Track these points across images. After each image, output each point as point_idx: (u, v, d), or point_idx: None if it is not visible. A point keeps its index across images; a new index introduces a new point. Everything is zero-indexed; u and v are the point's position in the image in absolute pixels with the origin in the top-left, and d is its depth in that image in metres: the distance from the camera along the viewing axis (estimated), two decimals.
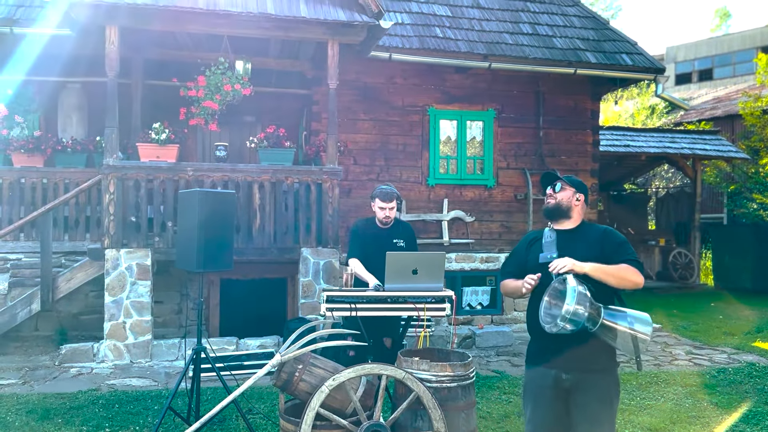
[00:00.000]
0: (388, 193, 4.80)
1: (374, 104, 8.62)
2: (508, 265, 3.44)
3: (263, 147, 7.04)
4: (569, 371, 3.14)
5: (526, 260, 3.31)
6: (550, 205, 3.28)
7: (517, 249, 3.46)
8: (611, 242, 3.21)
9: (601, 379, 3.16)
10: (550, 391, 3.19)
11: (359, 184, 8.52)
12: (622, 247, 3.19)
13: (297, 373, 3.79)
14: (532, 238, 3.40)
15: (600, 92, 9.52)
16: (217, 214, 4.57)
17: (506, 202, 8.97)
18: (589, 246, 3.18)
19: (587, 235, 3.25)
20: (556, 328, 2.95)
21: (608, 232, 3.28)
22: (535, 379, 3.26)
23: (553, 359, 3.16)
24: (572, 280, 2.95)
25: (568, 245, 3.20)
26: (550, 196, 3.29)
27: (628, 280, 3.08)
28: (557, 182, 3.29)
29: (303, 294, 7.16)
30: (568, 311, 2.88)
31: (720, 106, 21.01)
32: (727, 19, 41.73)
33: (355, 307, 4.15)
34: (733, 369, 6.84)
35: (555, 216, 3.28)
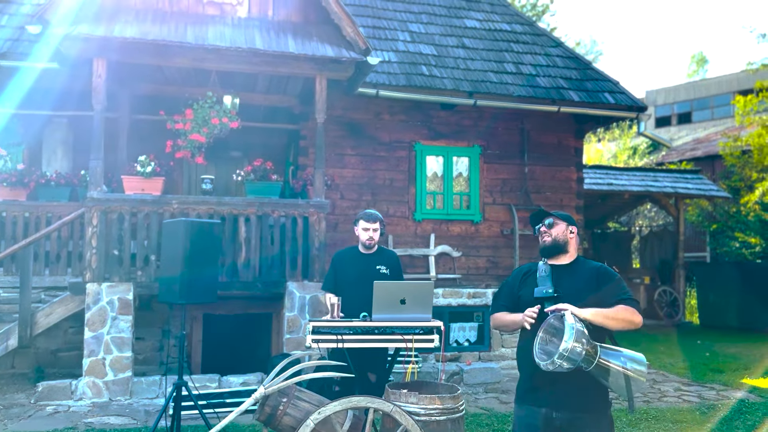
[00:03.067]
0: (371, 214, 4.78)
1: (361, 140, 8.67)
2: (500, 298, 3.39)
3: (250, 180, 7.02)
4: (560, 410, 3.07)
5: (520, 294, 3.27)
6: (548, 243, 3.27)
7: (509, 282, 3.42)
8: (607, 280, 3.18)
9: (594, 419, 3.10)
10: (540, 430, 3.10)
11: (346, 219, 8.49)
12: (618, 286, 3.18)
13: (281, 406, 3.69)
14: (526, 271, 3.37)
15: (583, 130, 9.66)
16: (202, 244, 4.52)
17: (493, 237, 8.98)
18: (585, 282, 3.16)
19: (582, 270, 3.23)
20: (552, 366, 2.89)
21: (603, 270, 3.26)
22: (525, 418, 3.18)
23: (544, 397, 3.10)
24: (570, 317, 2.91)
25: (563, 280, 3.18)
26: (545, 233, 3.27)
27: (628, 321, 3.06)
28: (548, 218, 3.28)
29: (288, 329, 7.05)
30: (566, 348, 2.83)
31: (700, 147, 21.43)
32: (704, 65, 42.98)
33: (341, 339, 4.07)
34: (722, 405, 6.78)
35: (553, 253, 3.26)
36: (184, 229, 4.41)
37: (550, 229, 3.26)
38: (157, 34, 6.48)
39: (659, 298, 14.02)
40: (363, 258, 4.86)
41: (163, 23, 6.69)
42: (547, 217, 3.28)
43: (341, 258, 4.97)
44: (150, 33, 6.49)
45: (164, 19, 6.74)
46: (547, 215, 3.29)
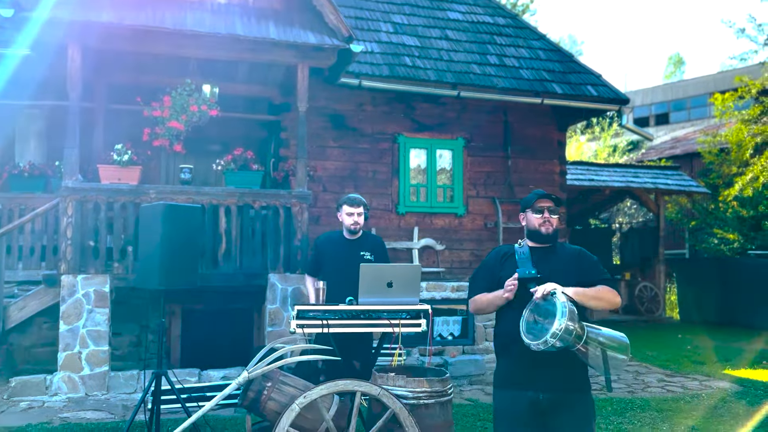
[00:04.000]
0: (354, 198, 4.69)
1: (344, 131, 8.56)
2: (479, 281, 3.29)
3: (230, 169, 6.88)
4: (546, 391, 3.01)
5: (501, 276, 3.18)
6: (551, 232, 3.20)
7: (487, 264, 3.34)
8: (587, 261, 3.19)
9: (580, 398, 3.07)
10: (525, 414, 3.04)
11: (329, 212, 8.36)
12: (598, 267, 3.20)
13: (265, 391, 3.58)
14: (504, 252, 3.30)
15: (566, 123, 9.65)
16: (181, 229, 4.37)
17: (476, 230, 8.92)
18: (566, 263, 3.13)
19: (562, 253, 3.21)
20: (544, 346, 2.82)
21: (583, 252, 3.27)
22: (508, 403, 3.10)
23: (530, 380, 3.03)
24: (562, 296, 2.87)
25: (543, 261, 3.13)
26: (548, 221, 3.19)
27: (608, 301, 3.06)
28: (553, 207, 3.19)
29: (270, 322, 6.91)
30: (560, 328, 2.78)
31: (679, 146, 21.67)
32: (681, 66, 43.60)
33: (327, 324, 3.97)
34: (706, 395, 6.79)
35: (551, 241, 3.21)
36: (162, 213, 4.27)
37: (553, 216, 3.19)
38: (134, 19, 6.31)
39: (640, 293, 14.09)
40: (347, 243, 4.76)
41: (140, 9, 6.52)
42: (551, 201, 3.19)
43: (324, 243, 4.87)
44: (127, 18, 6.32)
45: (142, 5, 6.58)
46: (550, 198, 3.20)
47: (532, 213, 3.21)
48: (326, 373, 4.45)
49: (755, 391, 6.91)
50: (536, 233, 3.19)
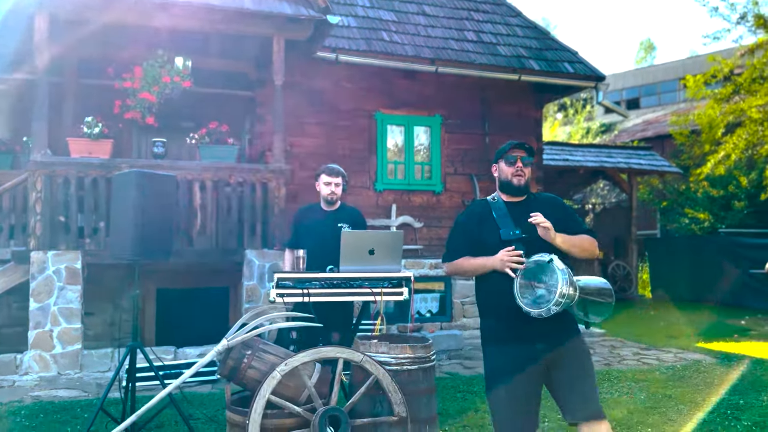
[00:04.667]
0: (333, 168, 4.62)
1: (321, 108, 8.44)
2: (458, 242, 3.20)
3: (205, 143, 6.73)
4: (542, 342, 2.97)
5: (481, 236, 3.11)
6: (522, 184, 3.11)
7: (464, 224, 3.23)
8: (566, 212, 3.15)
9: (575, 342, 3.04)
10: (524, 366, 2.98)
11: (305, 189, 8.23)
12: (576, 217, 3.18)
13: (245, 359, 3.50)
14: (479, 211, 3.20)
15: (543, 100, 9.66)
16: (155, 198, 4.25)
17: (454, 208, 8.89)
18: (545, 216, 2.98)
19: (537, 205, 3.09)
20: (546, 314, 2.80)
21: (558, 202, 3.22)
22: (504, 360, 3.01)
23: (523, 335, 2.98)
24: (559, 262, 2.83)
25: (523, 216, 3.02)
26: (520, 172, 3.11)
27: (589, 251, 3.06)
28: (527, 157, 3.12)
29: (247, 298, 6.81)
30: (563, 294, 2.76)
31: (650, 128, 21.95)
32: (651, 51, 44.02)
33: (307, 293, 3.89)
34: (681, 366, 6.89)
35: (523, 193, 3.14)
36: (136, 181, 4.14)
37: (526, 167, 3.13)
38: None
39: (613, 272, 14.27)
40: (325, 215, 4.68)
41: None
42: (525, 151, 3.15)
43: (302, 215, 4.80)
44: None
45: None
46: (525, 150, 3.15)
47: (505, 163, 3.13)
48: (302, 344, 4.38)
49: (728, 362, 7.04)
50: (508, 185, 3.11)
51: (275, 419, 3.33)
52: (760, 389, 5.68)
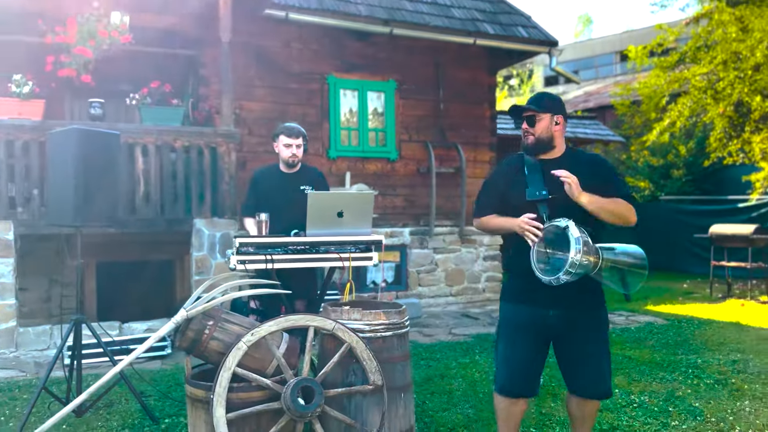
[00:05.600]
0: (293, 128, 4.29)
1: (270, 70, 8.03)
2: (487, 198, 3.09)
3: (146, 104, 6.27)
4: (556, 308, 2.88)
5: (509, 194, 2.98)
6: (530, 143, 2.95)
7: (494, 180, 3.14)
8: (602, 172, 2.95)
9: (591, 316, 2.94)
10: (532, 328, 2.94)
11: (255, 156, 7.88)
12: (616, 179, 2.97)
13: (207, 330, 3.22)
14: (514, 165, 3.04)
15: (496, 66, 9.54)
16: (98, 159, 3.87)
17: (409, 176, 8.71)
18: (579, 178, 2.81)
19: (575, 164, 2.92)
20: (556, 282, 2.69)
21: (599, 160, 3.05)
22: (517, 317, 2.99)
23: (539, 298, 2.89)
24: (575, 230, 2.67)
25: (554, 179, 2.84)
26: (526, 132, 2.95)
27: (622, 217, 2.86)
28: (530, 114, 2.93)
29: (197, 270, 6.46)
30: (573, 264, 2.62)
31: (591, 99, 22.32)
32: (589, 25, 44.83)
33: (271, 259, 3.64)
34: (635, 328, 7.01)
35: (538, 152, 2.96)
36: (76, 139, 3.75)
37: (533, 126, 2.93)
38: None
39: None
40: (285, 178, 4.39)
41: None
42: (527, 111, 2.95)
43: (261, 178, 4.48)
44: None
45: None
46: (526, 109, 2.95)
47: (516, 127, 3.00)
48: (263, 314, 4.14)
49: (678, 324, 7.20)
50: (522, 146, 2.99)
51: (242, 393, 3.08)
52: (713, 349, 5.80)
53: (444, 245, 8.81)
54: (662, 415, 3.89)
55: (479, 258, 9.00)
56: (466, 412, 4.08)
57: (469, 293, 8.92)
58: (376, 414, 3.24)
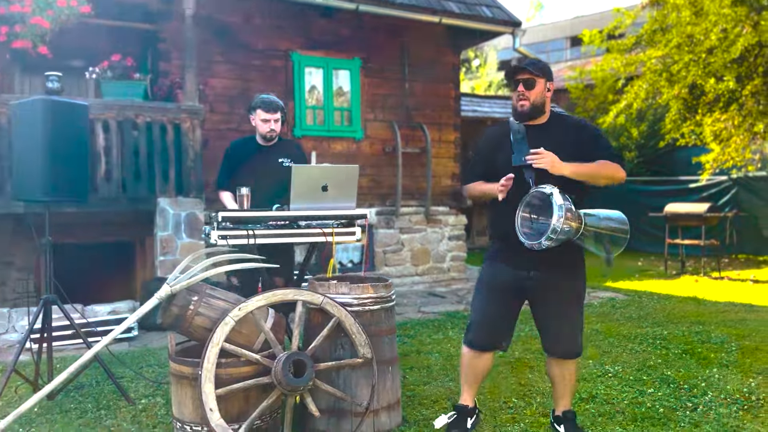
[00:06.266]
0: (271, 102, 4.14)
1: (231, 46, 7.82)
2: (475, 166, 3.14)
3: (107, 78, 6.02)
4: (537, 270, 2.96)
5: (495, 159, 3.01)
6: (525, 109, 2.94)
7: (481, 148, 3.17)
8: (588, 136, 2.99)
9: (569, 283, 3.03)
10: (510, 287, 3.03)
11: (218, 134, 7.68)
12: (600, 141, 3.00)
13: (192, 305, 3.14)
14: (500, 133, 3.07)
15: (460, 46, 9.55)
16: (66, 130, 3.69)
17: (375, 155, 8.66)
18: (564, 144, 2.90)
19: (561, 130, 2.98)
20: (538, 247, 2.77)
21: (583, 125, 3.08)
22: (495, 275, 3.08)
23: (521, 261, 2.97)
24: (558, 197, 2.72)
25: (540, 142, 2.89)
26: (522, 96, 2.93)
27: (609, 177, 2.90)
28: (528, 78, 2.92)
29: (162, 251, 6.28)
30: (555, 230, 2.69)
31: None
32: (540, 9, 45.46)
33: (253, 234, 3.55)
34: (597, 303, 7.19)
35: (532, 117, 2.97)
36: (43, 109, 3.56)
37: (529, 90, 2.93)
38: None
39: None
40: (262, 151, 4.27)
41: None
42: (525, 73, 2.93)
43: (237, 151, 4.35)
44: None
45: None
46: (524, 70, 2.93)
47: (510, 91, 3.01)
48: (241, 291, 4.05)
49: (639, 299, 7.43)
50: (515, 111, 2.99)
51: (230, 368, 3.02)
52: (675, 322, 6.00)
53: (410, 225, 8.82)
54: (637, 384, 4.00)
55: (444, 238, 9.05)
56: (446, 385, 4.10)
57: (435, 272, 8.97)
58: (365, 387, 3.23)
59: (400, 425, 3.39)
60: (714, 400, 3.61)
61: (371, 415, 3.23)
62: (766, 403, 3.53)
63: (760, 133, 9.83)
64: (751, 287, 8.18)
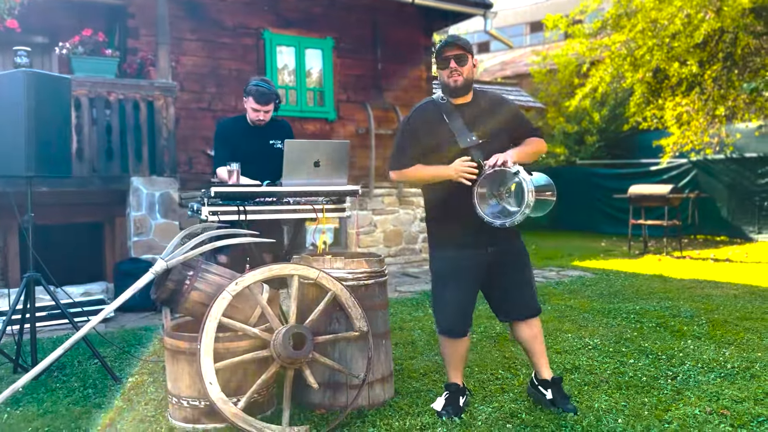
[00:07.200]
0: (265, 93, 4.07)
1: (202, 23, 7.67)
2: (410, 150, 3.09)
3: (78, 54, 5.84)
4: (493, 245, 3.08)
5: (435, 144, 3.03)
6: (459, 84, 3.00)
7: (413, 129, 3.10)
8: (511, 114, 3.14)
9: (517, 243, 3.20)
10: (474, 269, 3.10)
11: (188, 114, 7.56)
12: (522, 118, 3.20)
13: (187, 281, 3.11)
14: (430, 114, 3.08)
15: (432, 27, 9.57)
16: (48, 104, 3.59)
17: (348, 136, 8.63)
18: (496, 121, 3.06)
19: (486, 106, 3.09)
20: (510, 224, 2.87)
21: (505, 101, 3.19)
22: (458, 262, 3.11)
23: (477, 241, 3.05)
24: (525, 173, 2.83)
25: (476, 123, 3.03)
26: (455, 71, 2.98)
27: (538, 152, 3.15)
28: (459, 53, 2.97)
29: (136, 231, 6.17)
30: (528, 204, 2.78)
31: (508, 68, 22.87)
32: None
33: (244, 210, 3.52)
34: (568, 281, 7.36)
35: (464, 92, 3.05)
36: (24, 82, 3.44)
37: (462, 66, 2.98)
38: None
39: None
40: (253, 131, 4.21)
41: None
42: (456, 48, 2.97)
43: (227, 131, 4.26)
44: None
45: None
46: (455, 45, 2.97)
47: (439, 67, 3.04)
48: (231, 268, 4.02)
49: (606, 276, 7.63)
50: (446, 87, 3.05)
51: (227, 342, 3.01)
52: (645, 298, 6.21)
53: (383, 206, 8.86)
54: (617, 355, 4.14)
55: (416, 219, 9.12)
56: (433, 359, 4.17)
57: (407, 253, 9.04)
58: (360, 360, 3.27)
59: (393, 397, 3.44)
60: (692, 369, 3.77)
61: (366, 388, 3.27)
62: (741, 371, 3.71)
63: (720, 116, 10.17)
64: (711, 265, 8.50)
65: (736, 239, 11.43)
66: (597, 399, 3.33)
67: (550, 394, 3.23)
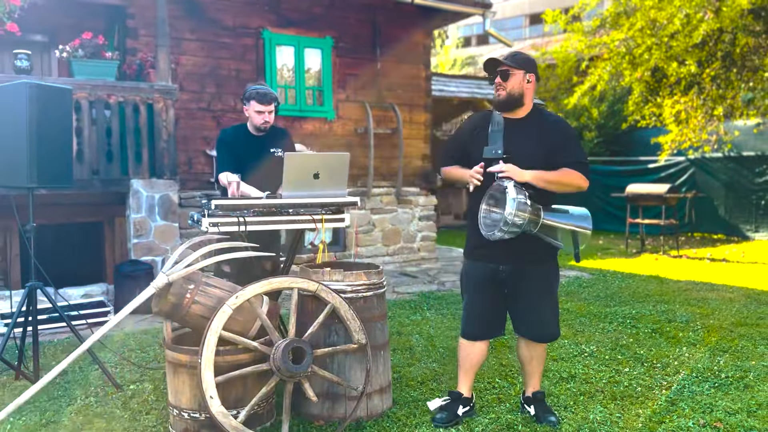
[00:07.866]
0: (265, 93, 4.13)
1: (201, 22, 7.66)
2: (453, 151, 3.27)
3: (78, 57, 5.84)
4: (507, 263, 3.11)
5: (471, 149, 3.14)
6: (502, 98, 3.05)
7: (461, 134, 3.30)
8: (560, 138, 3.06)
9: (539, 270, 3.15)
10: (488, 282, 3.18)
11: (188, 114, 7.57)
12: (570, 146, 3.07)
13: (188, 294, 3.15)
14: (480, 121, 3.19)
15: (431, 27, 9.56)
16: (51, 115, 3.61)
17: (347, 136, 8.66)
18: (538, 140, 3.04)
19: (537, 126, 3.08)
20: (493, 238, 2.92)
21: (559, 126, 3.12)
22: (473, 272, 3.24)
23: (491, 255, 3.12)
24: (512, 191, 2.85)
25: (515, 137, 3.05)
26: (499, 86, 3.04)
27: (570, 185, 3.02)
28: (504, 69, 3.02)
29: (136, 233, 6.19)
30: (507, 222, 2.83)
31: None
32: None
33: (244, 221, 3.55)
34: (565, 282, 7.41)
35: (509, 108, 3.08)
36: (27, 94, 3.46)
37: (506, 81, 3.02)
38: None
39: None
40: (254, 140, 4.24)
41: None
42: (502, 65, 3.04)
43: (230, 140, 4.29)
44: None
45: None
46: (500, 63, 3.05)
47: (490, 82, 3.11)
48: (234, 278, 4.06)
49: (603, 277, 7.70)
50: (493, 100, 3.12)
51: (228, 356, 3.06)
52: (641, 301, 6.26)
53: (381, 206, 8.89)
54: (613, 363, 4.20)
55: (415, 218, 9.16)
56: (430, 367, 4.22)
57: (405, 252, 9.09)
58: (358, 371, 3.31)
59: (391, 407, 3.49)
60: (687, 379, 3.82)
61: (365, 399, 3.31)
62: (734, 381, 3.76)
63: (718, 115, 10.19)
64: (708, 265, 8.56)
65: (734, 237, 11.49)
66: (592, 410, 3.38)
67: (533, 410, 3.31)
